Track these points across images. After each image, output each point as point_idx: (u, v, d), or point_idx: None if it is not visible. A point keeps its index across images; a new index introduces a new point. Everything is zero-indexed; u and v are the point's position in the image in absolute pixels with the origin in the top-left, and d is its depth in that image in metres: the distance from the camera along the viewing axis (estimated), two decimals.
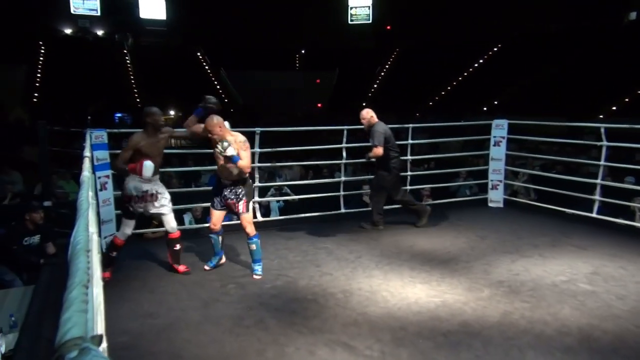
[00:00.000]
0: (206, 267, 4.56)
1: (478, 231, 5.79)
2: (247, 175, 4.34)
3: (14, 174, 8.92)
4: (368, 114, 5.71)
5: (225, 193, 4.32)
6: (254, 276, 4.36)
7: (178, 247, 4.46)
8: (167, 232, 4.44)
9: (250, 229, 4.34)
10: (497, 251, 5.06)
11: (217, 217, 4.46)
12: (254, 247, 4.37)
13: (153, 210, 4.32)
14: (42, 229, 5.31)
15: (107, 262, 4.30)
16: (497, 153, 6.97)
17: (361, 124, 5.77)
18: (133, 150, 4.18)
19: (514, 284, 4.16)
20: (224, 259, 4.70)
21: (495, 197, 7.05)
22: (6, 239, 5.18)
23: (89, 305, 1.29)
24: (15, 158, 10.28)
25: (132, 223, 4.38)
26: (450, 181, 7.88)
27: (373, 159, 5.72)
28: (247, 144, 4.23)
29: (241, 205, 4.30)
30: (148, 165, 4.15)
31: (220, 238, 4.55)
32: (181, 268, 4.48)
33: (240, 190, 4.30)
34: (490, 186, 7.09)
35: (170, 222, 4.41)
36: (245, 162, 4.15)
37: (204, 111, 4.30)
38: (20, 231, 5.21)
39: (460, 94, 27.31)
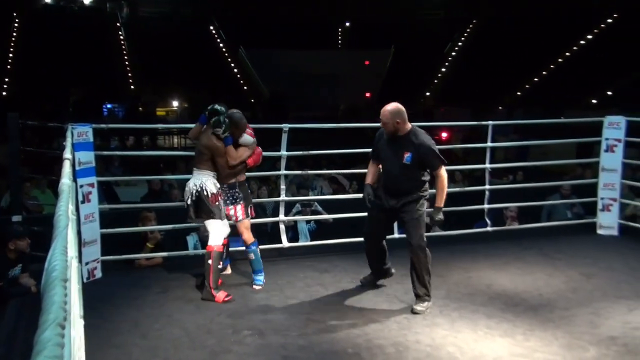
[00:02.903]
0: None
1: (582, 267, 5.70)
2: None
3: None
4: (395, 116, 4.54)
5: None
6: (254, 286, 5.04)
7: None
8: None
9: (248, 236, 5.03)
10: (609, 295, 4.96)
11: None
12: (252, 256, 5.03)
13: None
14: (23, 259, 5.53)
15: (215, 278, 4.76)
16: (611, 161, 6.86)
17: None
18: None
19: (632, 341, 4.06)
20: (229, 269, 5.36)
21: (607, 221, 6.94)
22: None
23: (66, 350, 1.33)
24: None
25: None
26: (545, 199, 7.75)
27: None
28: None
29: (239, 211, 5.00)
30: None
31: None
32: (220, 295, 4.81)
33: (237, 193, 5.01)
34: (600, 206, 6.98)
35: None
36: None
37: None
38: (2, 262, 5.42)
39: (560, 81, 26.77)
